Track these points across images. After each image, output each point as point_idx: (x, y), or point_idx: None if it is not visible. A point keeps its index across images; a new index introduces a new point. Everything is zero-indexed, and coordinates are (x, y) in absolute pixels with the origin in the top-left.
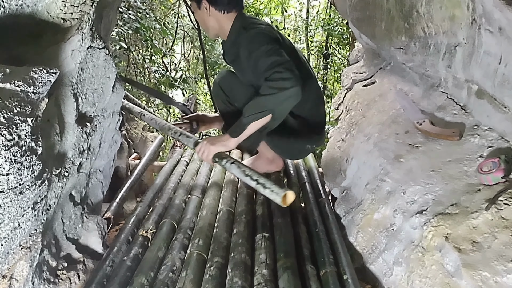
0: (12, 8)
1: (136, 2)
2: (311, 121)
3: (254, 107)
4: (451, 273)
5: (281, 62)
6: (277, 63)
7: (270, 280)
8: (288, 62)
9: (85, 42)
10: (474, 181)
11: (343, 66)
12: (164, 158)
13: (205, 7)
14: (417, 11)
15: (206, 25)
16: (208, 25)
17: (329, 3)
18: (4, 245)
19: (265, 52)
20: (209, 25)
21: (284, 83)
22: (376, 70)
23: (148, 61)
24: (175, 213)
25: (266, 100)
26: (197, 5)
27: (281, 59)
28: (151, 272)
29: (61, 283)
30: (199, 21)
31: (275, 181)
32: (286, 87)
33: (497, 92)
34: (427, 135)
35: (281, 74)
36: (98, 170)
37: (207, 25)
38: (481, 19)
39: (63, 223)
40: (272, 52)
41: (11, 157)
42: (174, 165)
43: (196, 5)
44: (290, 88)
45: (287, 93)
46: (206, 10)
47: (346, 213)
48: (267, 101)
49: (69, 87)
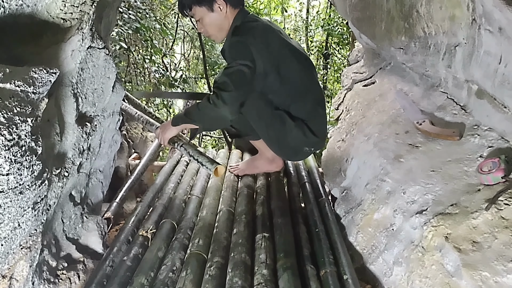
0: (12, 8)
1: (136, 2)
2: (311, 124)
3: (190, 114)
4: (451, 273)
5: (232, 80)
6: (228, 78)
7: (270, 280)
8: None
9: (85, 42)
10: (474, 181)
11: (343, 66)
12: (164, 158)
13: (219, 7)
14: (417, 11)
15: (220, 27)
16: (223, 27)
17: (329, 3)
18: (4, 245)
19: (227, 66)
20: (224, 27)
21: (217, 101)
22: (376, 70)
23: (148, 61)
24: (175, 213)
25: (200, 113)
26: (209, 8)
27: (234, 76)
28: (151, 272)
29: (61, 283)
30: (209, 25)
31: (275, 180)
32: (217, 105)
33: (497, 92)
34: (427, 135)
35: (221, 91)
36: (98, 170)
37: (222, 27)
38: (481, 19)
39: (63, 223)
40: (233, 65)
41: (11, 157)
42: (174, 165)
43: (208, 8)
44: (219, 107)
45: (217, 111)
46: (221, 10)
47: (346, 213)
48: (200, 113)
49: (69, 87)
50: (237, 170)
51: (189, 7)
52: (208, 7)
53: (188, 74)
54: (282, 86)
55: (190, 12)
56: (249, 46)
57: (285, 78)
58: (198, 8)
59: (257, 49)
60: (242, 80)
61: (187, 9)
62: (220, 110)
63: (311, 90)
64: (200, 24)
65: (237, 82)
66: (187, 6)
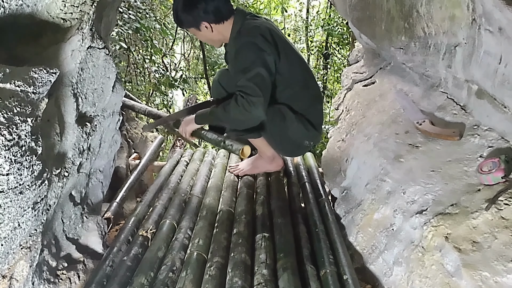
0: (12, 8)
1: (136, 2)
2: (310, 117)
3: (217, 115)
4: (451, 273)
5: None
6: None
7: (270, 280)
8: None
9: (85, 42)
10: (474, 181)
11: (343, 66)
12: (164, 158)
13: (205, 27)
14: (417, 11)
15: (212, 40)
16: (214, 39)
17: (329, 3)
18: (4, 245)
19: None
20: (215, 39)
21: (250, 107)
22: (376, 70)
23: (148, 61)
24: (175, 213)
25: (228, 115)
26: (197, 28)
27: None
28: (151, 272)
29: (61, 283)
30: (202, 40)
31: (275, 180)
32: (249, 111)
33: (497, 92)
34: (427, 135)
35: (250, 96)
36: (98, 170)
37: (213, 39)
38: (481, 19)
39: (63, 223)
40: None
41: (11, 157)
42: (174, 165)
43: (196, 29)
44: (251, 112)
45: (248, 115)
46: (207, 28)
47: (346, 213)
48: (228, 116)
49: (69, 87)
50: (237, 170)
51: (181, 24)
52: (196, 28)
53: (188, 74)
54: (284, 80)
55: (184, 27)
56: (259, 45)
57: (287, 73)
58: (191, 29)
59: (267, 47)
60: (265, 83)
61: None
62: (252, 114)
63: (310, 85)
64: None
65: (262, 85)
66: (179, 22)
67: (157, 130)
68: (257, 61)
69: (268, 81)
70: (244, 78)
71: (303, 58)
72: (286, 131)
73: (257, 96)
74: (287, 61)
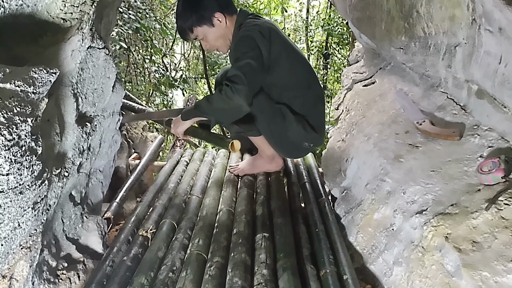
0: (12, 8)
1: (136, 2)
2: (311, 119)
3: (201, 107)
4: (451, 273)
5: (244, 72)
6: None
7: (270, 280)
8: (249, 71)
9: (85, 42)
10: (474, 181)
11: (343, 66)
12: (164, 158)
13: (218, 20)
14: (417, 11)
15: (224, 38)
16: (226, 37)
17: (329, 3)
18: (4, 245)
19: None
20: (227, 36)
21: (232, 94)
22: (376, 70)
23: (148, 61)
24: (175, 213)
25: (211, 105)
26: (209, 24)
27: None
28: (151, 272)
29: (61, 283)
30: (214, 39)
31: (275, 180)
32: (231, 98)
33: (497, 92)
34: (427, 135)
35: (235, 84)
36: (98, 170)
37: (225, 37)
38: (481, 19)
39: (63, 223)
40: (242, 58)
41: (11, 157)
42: (174, 165)
43: (208, 26)
44: (233, 99)
45: (230, 103)
46: (220, 22)
47: (346, 213)
48: (210, 106)
49: (69, 87)
50: (237, 170)
51: (190, 30)
52: (209, 24)
53: (188, 74)
54: (285, 80)
55: (192, 35)
56: (255, 39)
57: (288, 73)
58: (200, 28)
59: (262, 43)
60: (253, 72)
61: (189, 33)
62: (234, 102)
63: (312, 86)
64: (204, 42)
65: (249, 75)
66: (188, 30)
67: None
68: (250, 53)
69: (257, 73)
70: (234, 67)
71: (306, 59)
72: (285, 132)
73: (242, 84)
74: (289, 61)
